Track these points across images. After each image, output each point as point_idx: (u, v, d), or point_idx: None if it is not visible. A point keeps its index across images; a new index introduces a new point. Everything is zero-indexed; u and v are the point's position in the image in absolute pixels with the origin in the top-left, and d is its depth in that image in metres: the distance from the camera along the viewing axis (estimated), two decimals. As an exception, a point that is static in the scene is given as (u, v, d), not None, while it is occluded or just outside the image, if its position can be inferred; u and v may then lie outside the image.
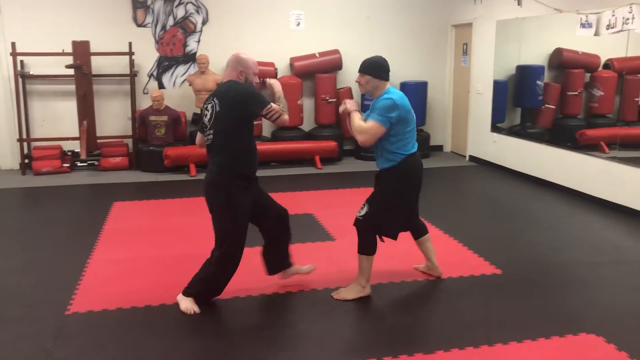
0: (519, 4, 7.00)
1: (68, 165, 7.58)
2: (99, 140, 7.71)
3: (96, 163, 7.65)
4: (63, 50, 7.41)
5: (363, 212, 3.59)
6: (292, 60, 8.23)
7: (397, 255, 4.34)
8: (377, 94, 3.58)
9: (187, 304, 3.47)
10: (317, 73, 8.18)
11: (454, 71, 8.85)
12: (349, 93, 8.40)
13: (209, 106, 3.37)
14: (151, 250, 4.61)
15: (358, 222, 3.63)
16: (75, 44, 7.41)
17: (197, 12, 7.98)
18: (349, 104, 3.66)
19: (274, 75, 8.04)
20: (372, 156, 8.42)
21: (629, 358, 2.97)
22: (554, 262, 4.38)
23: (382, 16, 8.52)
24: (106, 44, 7.56)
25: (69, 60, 7.39)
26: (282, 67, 8.27)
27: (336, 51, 8.25)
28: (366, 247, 3.63)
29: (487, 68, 7.86)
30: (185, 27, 7.99)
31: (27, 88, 7.60)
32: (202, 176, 7.17)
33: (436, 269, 4.02)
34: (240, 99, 3.29)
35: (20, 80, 7.47)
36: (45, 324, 3.34)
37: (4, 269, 4.21)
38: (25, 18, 7.45)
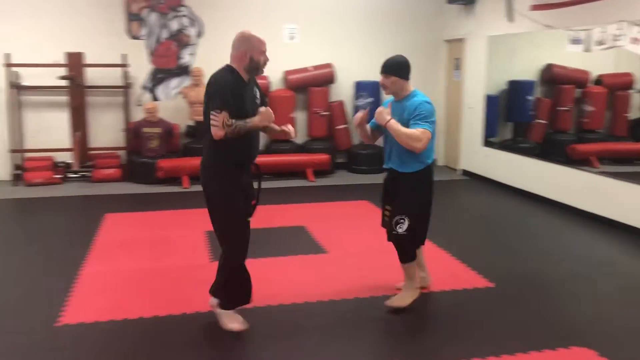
0: (510, 20, 7.09)
1: (60, 176, 7.54)
2: (91, 152, 7.70)
3: (89, 174, 7.62)
4: (56, 61, 7.40)
5: (406, 227, 3.55)
6: (286, 73, 8.27)
7: (386, 268, 4.34)
8: (401, 95, 3.53)
9: (227, 320, 3.35)
10: (310, 86, 8.22)
11: (447, 86, 8.92)
12: (341, 106, 8.45)
13: None
14: (144, 262, 4.59)
15: (400, 238, 3.60)
16: (69, 55, 7.41)
17: (192, 24, 8.02)
18: (380, 116, 3.50)
19: (267, 89, 8.09)
20: (364, 169, 8.49)
21: (621, 371, 2.99)
22: (546, 275, 4.40)
23: (376, 30, 8.60)
24: (100, 56, 7.57)
25: (63, 71, 7.40)
26: (276, 80, 8.31)
27: (329, 65, 8.30)
28: (409, 255, 3.69)
29: (479, 83, 7.93)
30: (180, 39, 8.03)
31: (20, 99, 7.59)
32: (195, 188, 7.21)
33: (428, 280, 4.03)
34: (207, 91, 3.12)
35: (13, 91, 7.46)
36: (36, 335, 3.31)
37: (-5, 281, 4.18)
38: (19, 29, 7.46)
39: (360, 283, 4.13)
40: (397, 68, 3.50)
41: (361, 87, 8.37)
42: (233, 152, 3.17)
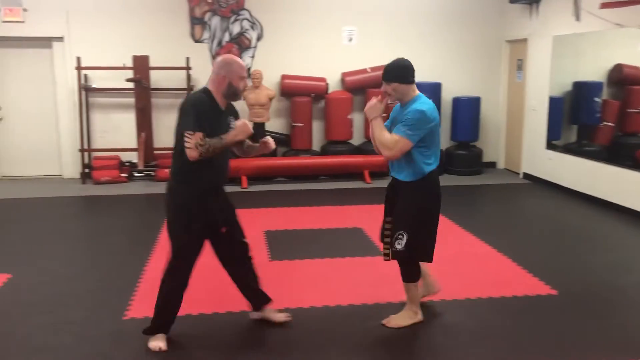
0: (577, 19, 6.85)
1: (126, 175, 7.84)
2: (156, 152, 7.96)
3: (153, 174, 7.89)
4: (124, 64, 7.70)
5: (404, 242, 3.27)
6: (344, 75, 8.29)
7: (445, 273, 4.28)
8: (405, 100, 3.28)
9: (153, 345, 3.21)
10: (368, 88, 8.21)
11: (508, 87, 8.71)
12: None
13: None
14: (204, 260, 4.69)
15: (400, 254, 3.32)
16: (135, 58, 7.69)
17: (252, 28, 8.17)
18: (369, 110, 3.29)
19: (325, 90, 8.13)
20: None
21: (695, 388, 2.84)
22: (613, 284, 4.22)
23: (435, 31, 8.50)
24: (165, 59, 7.82)
25: (130, 74, 7.68)
26: (334, 82, 8.35)
27: (388, 66, 8.25)
28: (412, 275, 3.44)
29: (542, 84, 7.70)
30: (241, 42, 8.19)
31: (89, 100, 7.93)
32: (254, 188, 7.35)
33: (436, 284, 3.77)
34: (180, 112, 3.06)
35: (83, 93, 7.81)
36: (103, 328, 3.46)
37: (65, 274, 4.39)
38: (89, 34, 7.81)
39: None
40: (396, 73, 3.25)
41: (419, 89, 8.24)
42: (197, 177, 3.09)
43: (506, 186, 7.77)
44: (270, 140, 3.34)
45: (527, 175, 8.14)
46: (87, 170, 7.85)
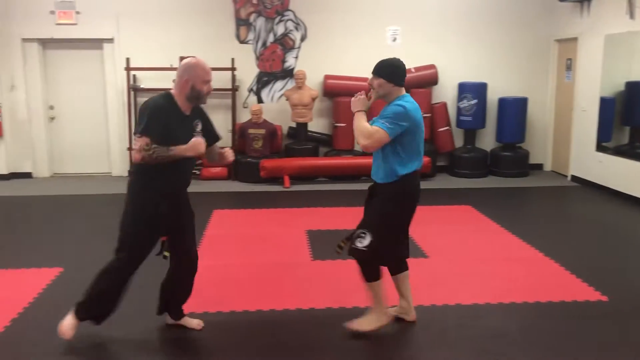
0: (631, 17, 6.62)
1: (171, 173, 7.99)
2: (200, 151, 8.08)
3: (197, 172, 8.03)
4: (171, 65, 7.86)
5: (366, 242, 3.17)
6: (388, 75, 8.24)
7: (491, 276, 4.21)
8: (389, 100, 3.22)
9: (66, 323, 3.23)
10: (411, 88, 8.14)
11: (557, 87, 8.50)
12: (444, 108, 8.30)
13: None
14: (248, 258, 4.78)
15: (360, 254, 3.20)
16: (182, 59, 7.82)
17: (296, 29, 8.22)
18: (354, 103, 3.27)
19: (368, 90, 8.09)
20: (467, 173, 8.28)
21: None
22: (668, 292, 4.07)
23: (481, 31, 8.37)
24: (210, 60, 7.86)
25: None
26: (377, 82, 8.31)
27: (432, 66, 8.18)
28: (372, 274, 3.28)
29: (593, 84, 7.48)
30: (285, 43, 8.25)
31: (137, 100, 8.14)
32: (295, 188, 7.39)
33: (411, 310, 3.54)
34: (138, 114, 3.08)
35: (132, 93, 8.02)
36: (151, 322, 3.54)
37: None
38: (138, 36, 8.02)
39: (462, 290, 4.05)
40: (385, 70, 3.19)
41: (465, 89, 8.17)
42: (152, 179, 3.08)
43: (554, 189, 7.59)
44: (229, 151, 3.31)
45: (575, 178, 7.92)
46: (134, 168, 8.04)
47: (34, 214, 6.40)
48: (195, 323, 3.47)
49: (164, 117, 3.03)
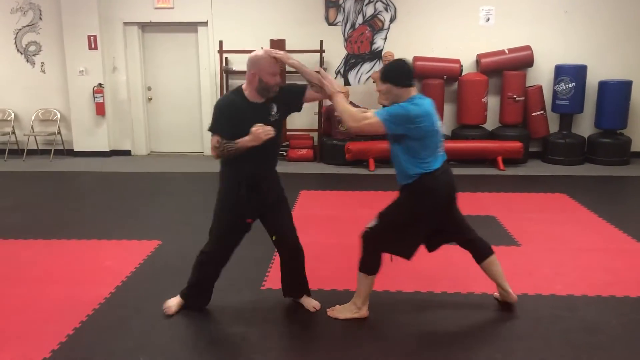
0: None
1: (260, 154, 8.20)
2: (287, 133, 8.24)
3: (284, 154, 8.18)
4: (262, 47, 7.99)
5: (371, 225, 3.25)
6: (479, 56, 8.00)
7: (587, 267, 4.02)
8: (400, 102, 3.12)
9: (173, 301, 3.51)
10: (505, 70, 7.86)
11: (665, 69, 7.90)
12: (539, 92, 7.94)
13: None
14: (333, 238, 4.84)
15: (364, 235, 3.28)
16: (272, 42, 7.97)
17: (386, 9, 8.12)
18: (332, 82, 3.23)
19: (459, 72, 7.90)
20: (561, 160, 7.90)
21: None
22: None
23: (582, 9, 7.90)
24: (300, 42, 8.03)
25: (266, 57, 7.97)
26: (468, 64, 8.08)
27: (527, 47, 7.83)
28: (367, 265, 3.29)
29: None
30: (374, 25, 8.18)
31: (229, 83, 8.38)
32: (380, 171, 7.37)
33: (509, 294, 3.49)
34: None
35: (224, 75, 8.26)
36: (243, 296, 3.70)
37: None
38: (231, 19, 8.22)
39: (556, 280, 3.90)
40: (391, 75, 3.12)
41: (562, 71, 7.77)
42: (234, 166, 3.23)
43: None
44: (318, 74, 3.27)
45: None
46: (224, 148, 8.30)
47: (133, 190, 6.78)
48: (311, 304, 3.54)
49: (231, 112, 3.14)
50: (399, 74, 3.13)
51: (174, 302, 3.50)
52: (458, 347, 3.10)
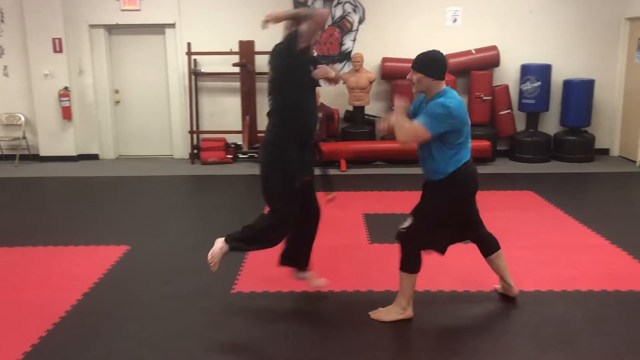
0: None
1: (231, 156, 8.17)
2: (259, 134, 8.21)
3: (256, 155, 8.15)
4: (230, 49, 7.98)
5: (407, 225, 3.25)
6: (447, 57, 8.07)
7: (551, 262, 4.10)
8: (430, 95, 3.16)
9: (219, 251, 3.39)
10: (472, 70, 7.97)
11: (626, 69, 8.11)
12: (505, 91, 8.08)
13: None
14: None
15: (401, 235, 3.27)
16: (241, 43, 7.95)
17: (355, 11, 8.16)
18: (397, 108, 3.17)
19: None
20: (529, 157, 8.04)
21: None
22: None
23: (546, 10, 8.06)
24: (269, 43, 7.93)
25: (236, 58, 7.95)
26: (436, 65, 8.17)
27: (494, 47, 7.96)
28: (408, 264, 3.28)
29: (667, 65, 7.10)
30: (342, 26, 8.21)
31: (198, 85, 8.31)
32: (352, 172, 7.40)
33: (512, 288, 3.59)
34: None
35: (193, 77, 8.19)
36: (213, 300, 3.67)
37: (181, 248, 4.67)
38: (199, 20, 8.15)
39: (524, 276, 3.96)
40: (425, 64, 3.11)
41: (528, 71, 7.92)
42: (292, 126, 3.35)
43: (621, 175, 7.28)
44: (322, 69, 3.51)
45: (645, 164, 7.58)
46: (195, 151, 8.26)
47: (101, 194, 6.67)
48: (322, 282, 3.67)
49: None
50: (433, 66, 3.11)
51: (222, 251, 3.38)
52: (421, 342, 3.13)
